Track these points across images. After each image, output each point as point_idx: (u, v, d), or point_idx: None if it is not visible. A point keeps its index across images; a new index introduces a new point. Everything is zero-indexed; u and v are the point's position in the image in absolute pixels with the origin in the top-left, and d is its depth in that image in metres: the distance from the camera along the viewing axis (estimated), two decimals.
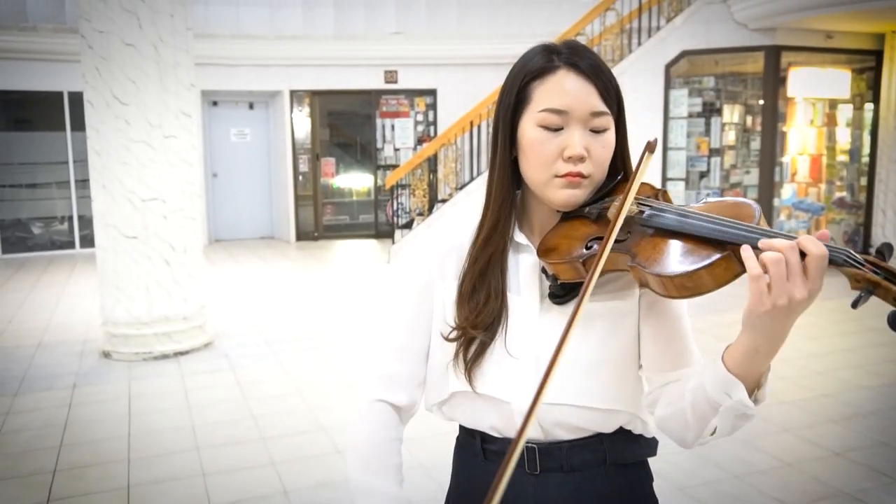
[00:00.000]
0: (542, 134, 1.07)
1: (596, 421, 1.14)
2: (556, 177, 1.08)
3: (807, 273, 0.86)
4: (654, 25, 8.57)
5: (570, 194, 1.08)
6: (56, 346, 5.70)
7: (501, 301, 1.14)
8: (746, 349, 0.94)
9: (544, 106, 1.07)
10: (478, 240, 1.17)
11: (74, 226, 10.77)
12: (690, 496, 3.17)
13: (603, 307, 1.11)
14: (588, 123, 1.07)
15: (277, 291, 7.87)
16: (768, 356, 0.94)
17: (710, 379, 0.99)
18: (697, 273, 0.93)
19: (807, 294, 0.87)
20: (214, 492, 3.31)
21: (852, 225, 8.89)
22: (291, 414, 4.24)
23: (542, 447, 1.15)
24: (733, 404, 0.96)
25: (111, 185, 5.22)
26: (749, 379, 0.96)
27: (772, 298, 0.87)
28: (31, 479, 3.45)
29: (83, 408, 4.38)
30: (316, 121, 11.76)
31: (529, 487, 1.16)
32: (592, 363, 1.11)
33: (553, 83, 1.07)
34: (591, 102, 1.06)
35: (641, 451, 1.20)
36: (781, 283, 0.86)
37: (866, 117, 8.84)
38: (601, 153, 1.08)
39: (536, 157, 1.09)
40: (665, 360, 1.10)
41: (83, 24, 5.18)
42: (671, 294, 0.97)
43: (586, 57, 1.08)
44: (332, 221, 12.19)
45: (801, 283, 0.86)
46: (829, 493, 3.21)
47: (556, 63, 1.08)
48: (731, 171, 8.48)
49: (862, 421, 4.02)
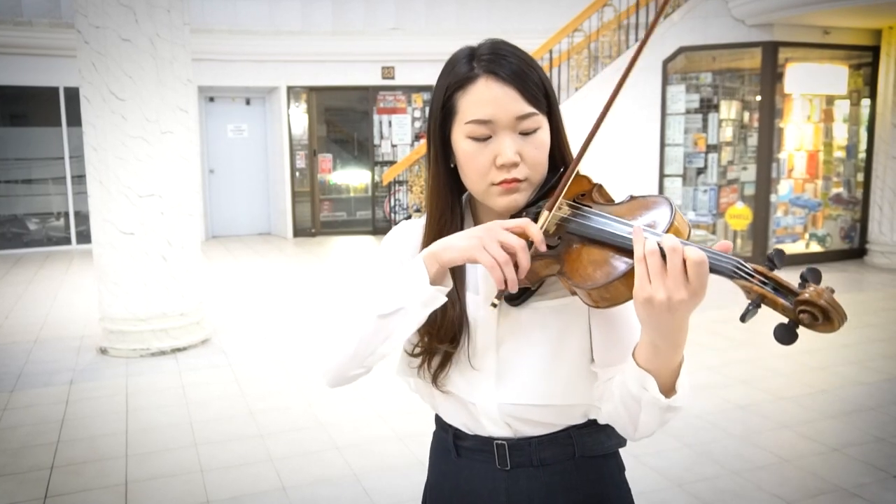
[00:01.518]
0: (472, 145, 1.07)
1: (558, 415, 1.16)
2: (492, 185, 1.08)
3: (687, 276, 0.87)
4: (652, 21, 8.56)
5: (510, 199, 1.09)
6: (53, 343, 5.68)
7: (460, 307, 1.15)
8: (647, 344, 0.98)
9: (469, 118, 1.06)
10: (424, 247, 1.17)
11: (71, 222, 10.74)
12: (689, 492, 3.17)
13: (556, 304, 1.12)
14: (516, 128, 1.06)
15: (275, 287, 7.86)
16: (670, 352, 0.96)
17: (629, 374, 1.01)
18: (612, 285, 0.95)
19: (686, 296, 0.88)
20: (212, 488, 3.30)
21: (849, 221, 8.90)
22: (289, 410, 4.23)
23: (512, 443, 1.17)
24: (650, 398, 0.99)
25: (108, 180, 5.20)
26: (661, 373, 0.99)
27: (651, 289, 0.89)
28: (29, 475, 3.45)
29: (80, 404, 4.37)
30: (313, 117, 11.74)
31: (501, 483, 1.19)
32: (549, 361, 1.13)
33: (474, 94, 1.06)
34: (515, 107, 1.05)
35: (611, 443, 1.22)
36: (659, 276, 0.88)
37: (863, 113, 8.85)
38: (534, 154, 1.08)
39: (471, 169, 1.09)
40: (611, 354, 1.11)
41: (79, 19, 5.16)
42: (596, 304, 0.99)
43: (506, 61, 1.06)
44: (329, 218, 12.18)
45: (681, 284, 0.88)
46: (826, 489, 3.21)
47: (475, 71, 1.06)
48: (728, 168, 8.48)
49: (860, 417, 4.03)
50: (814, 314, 0.83)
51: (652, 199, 1.02)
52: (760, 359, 5.01)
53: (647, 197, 1.03)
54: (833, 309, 0.82)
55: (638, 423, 1.05)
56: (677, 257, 0.88)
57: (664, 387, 0.99)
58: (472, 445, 1.20)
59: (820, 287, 0.84)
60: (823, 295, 0.82)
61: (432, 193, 1.17)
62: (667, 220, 0.96)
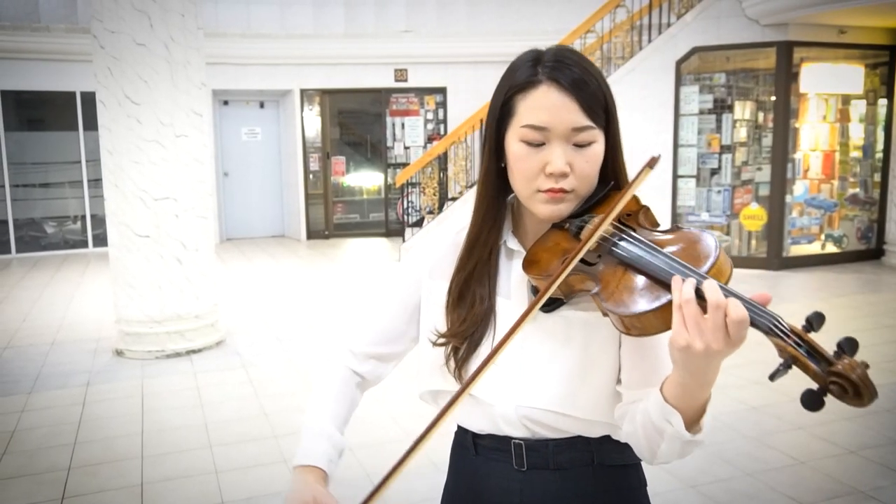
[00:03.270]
0: (524, 149, 1.07)
1: (575, 426, 1.15)
2: (538, 191, 1.08)
3: (728, 331, 0.87)
4: (665, 22, 8.53)
5: (554, 209, 1.09)
6: (69, 345, 5.74)
7: (488, 307, 1.16)
8: (678, 383, 0.96)
9: (525, 122, 1.06)
10: (464, 247, 1.19)
11: (87, 225, 10.84)
12: (703, 494, 3.16)
13: (585, 316, 1.12)
14: (570, 139, 1.06)
15: (288, 289, 7.89)
16: (699, 391, 0.96)
17: (653, 405, 1.00)
18: (646, 316, 0.94)
19: (724, 347, 0.88)
20: (227, 489, 3.32)
21: (865, 221, 8.82)
22: (303, 411, 4.21)
23: (529, 444, 1.16)
24: (673, 432, 0.98)
25: (123, 184, 5.25)
26: (688, 410, 0.98)
27: (689, 337, 0.88)
28: (46, 476, 3.48)
29: (97, 405, 4.41)
30: (326, 119, 11.78)
31: (516, 483, 1.18)
32: (570, 370, 1.12)
33: (534, 99, 1.06)
34: (572, 118, 1.05)
35: (631, 453, 1.19)
36: (698, 327, 0.88)
37: (880, 113, 8.77)
38: (585, 168, 1.07)
39: (519, 172, 1.09)
40: (637, 377, 1.10)
41: (95, 24, 5.21)
42: (624, 330, 0.98)
43: (570, 70, 1.05)
44: (342, 220, 12.22)
45: (721, 338, 0.87)
46: (842, 491, 3.19)
47: (538, 77, 1.06)
48: (742, 168, 8.42)
49: (876, 418, 3.99)
50: (844, 387, 0.81)
51: (697, 234, 1.01)
52: (775, 360, 4.96)
53: (693, 231, 1.02)
54: (864, 385, 0.80)
55: (657, 452, 1.04)
56: (720, 314, 0.87)
57: (688, 421, 0.99)
58: (489, 444, 1.20)
59: (854, 360, 0.81)
60: (857, 370, 0.80)
61: (481, 189, 1.18)
62: (710, 261, 0.94)
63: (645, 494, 1.25)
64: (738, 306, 0.86)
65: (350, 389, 1.32)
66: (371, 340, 1.31)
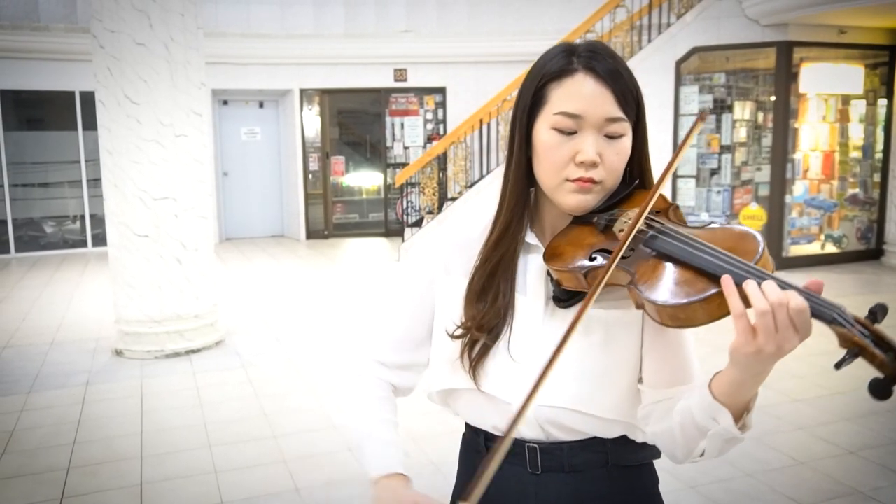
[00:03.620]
0: (556, 137, 1.06)
1: (594, 426, 1.14)
2: (567, 181, 1.07)
3: (796, 326, 0.86)
4: (665, 22, 8.53)
5: (581, 199, 1.07)
6: (69, 344, 5.74)
7: (509, 301, 1.14)
8: (732, 381, 0.95)
9: (559, 109, 1.06)
10: (490, 239, 1.16)
11: (86, 224, 10.83)
12: (703, 494, 3.16)
13: (605, 315, 1.11)
14: (602, 129, 1.05)
15: (288, 289, 7.89)
16: (754, 388, 0.95)
17: (697, 403, 0.99)
18: (692, 306, 0.92)
19: (797, 343, 0.87)
20: (226, 489, 3.32)
21: (865, 221, 8.82)
22: (303, 411, 4.25)
23: (544, 447, 1.15)
24: (720, 430, 0.97)
25: (123, 184, 5.24)
26: (736, 406, 0.97)
27: (758, 343, 0.87)
28: (46, 475, 3.48)
29: (96, 405, 4.41)
30: (326, 119, 11.78)
31: (531, 487, 1.17)
32: (590, 369, 1.11)
33: (569, 86, 1.06)
34: (607, 108, 1.05)
35: (645, 454, 1.20)
36: (769, 334, 0.86)
37: (880, 113, 8.76)
38: (614, 160, 1.07)
39: (548, 160, 1.08)
40: (662, 376, 1.09)
41: (95, 24, 5.21)
42: (663, 322, 0.96)
43: (606, 61, 1.06)
44: (342, 220, 12.21)
45: (792, 335, 0.86)
46: (842, 492, 3.19)
47: (574, 66, 1.06)
48: (742, 168, 8.42)
49: (876, 419, 3.99)
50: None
51: (736, 228, 1.00)
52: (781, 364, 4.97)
53: (734, 227, 1.01)
54: None
55: (693, 450, 1.02)
56: (783, 312, 0.85)
57: (734, 418, 0.98)
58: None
59: None
60: None
61: (510, 180, 1.15)
62: (757, 254, 0.93)
63: (658, 493, 1.25)
64: (796, 296, 0.85)
65: (388, 394, 1.31)
66: (394, 349, 1.28)
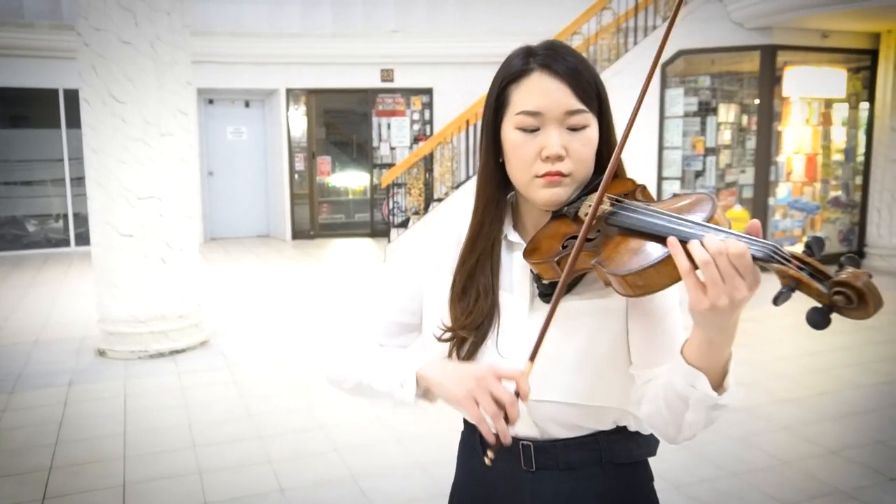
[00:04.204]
0: (521, 136, 1.09)
1: (587, 417, 1.15)
2: (536, 177, 1.09)
3: (741, 273, 0.87)
4: (651, 24, 8.58)
5: (553, 193, 1.10)
6: (52, 344, 5.68)
7: (492, 300, 1.16)
8: (700, 342, 0.96)
9: (520, 109, 1.09)
10: (466, 241, 1.19)
11: (70, 223, 10.74)
12: (687, 494, 3.18)
13: (590, 305, 1.13)
14: (564, 122, 1.08)
15: (274, 289, 7.86)
16: (724, 346, 0.96)
17: (677, 373, 1.01)
18: (646, 272, 0.94)
19: (747, 292, 0.88)
20: (210, 490, 3.30)
21: (847, 224, 8.92)
22: (288, 412, 4.23)
23: (538, 445, 1.16)
24: (700, 396, 0.98)
25: (108, 183, 5.20)
26: (712, 369, 0.98)
27: (710, 298, 0.88)
28: (28, 476, 3.45)
29: (79, 405, 4.37)
30: (312, 119, 11.75)
31: (526, 484, 1.18)
32: (580, 361, 1.13)
33: (527, 86, 1.09)
34: (566, 102, 1.07)
35: (640, 451, 1.21)
36: (717, 285, 0.87)
37: (862, 116, 8.86)
38: (581, 151, 1.09)
39: (517, 159, 1.10)
40: (650, 355, 1.11)
41: (80, 22, 5.17)
42: (628, 293, 0.98)
43: (562, 58, 1.09)
44: (328, 220, 12.19)
45: (739, 282, 0.87)
46: (825, 491, 3.22)
47: (531, 66, 1.09)
48: (726, 171, 8.48)
49: (859, 419, 4.03)
50: (849, 296, 0.81)
51: (694, 195, 1.02)
52: (761, 361, 5.01)
53: (689, 193, 1.03)
54: (869, 292, 0.80)
55: (682, 423, 1.04)
56: (725, 259, 0.86)
57: (713, 384, 0.99)
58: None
59: (858, 270, 0.82)
60: (861, 277, 0.81)
61: (480, 183, 1.19)
62: (706, 214, 0.95)
63: (652, 489, 1.26)
64: (734, 241, 0.87)
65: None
66: (380, 332, 1.29)
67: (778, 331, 5.77)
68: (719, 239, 0.87)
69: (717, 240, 0.87)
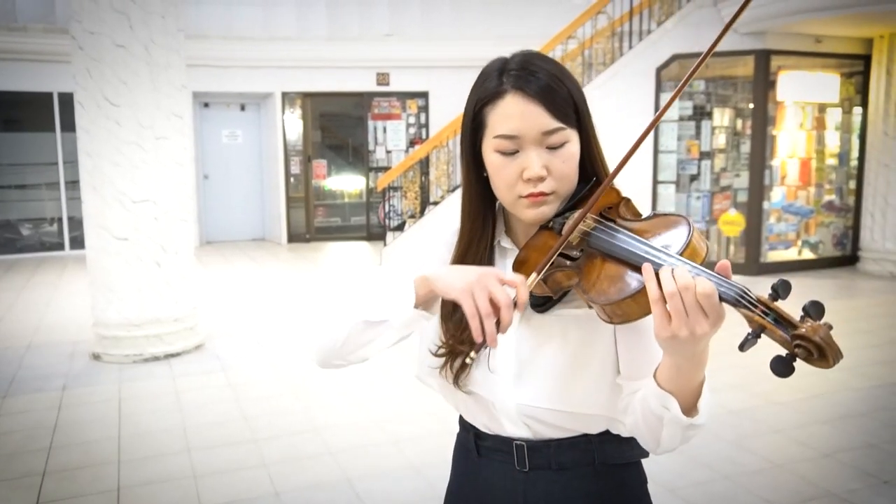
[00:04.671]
0: (500, 159, 1.09)
1: (576, 423, 1.16)
2: (520, 197, 1.10)
3: (704, 310, 0.88)
4: (645, 29, 8.61)
5: (538, 212, 1.10)
6: (46, 348, 5.67)
7: None
8: (670, 367, 0.98)
9: (496, 133, 1.08)
10: (455, 256, 1.20)
11: (64, 227, 10.71)
12: (681, 497, 3.18)
13: (580, 314, 1.13)
14: (543, 142, 1.07)
15: (269, 293, 7.85)
16: (692, 372, 0.97)
17: (650, 393, 1.02)
18: (624, 302, 0.96)
19: (708, 328, 0.89)
20: (205, 493, 3.30)
21: (841, 228, 8.95)
22: (283, 415, 4.23)
23: (531, 444, 1.17)
24: (672, 417, 1.00)
25: (102, 186, 5.20)
26: (682, 393, 0.99)
27: (672, 328, 0.90)
28: (21, 481, 3.44)
29: (73, 409, 4.36)
30: (308, 123, 11.75)
31: (519, 484, 1.19)
32: (568, 368, 1.13)
33: (501, 109, 1.08)
34: (542, 122, 1.06)
35: (632, 452, 1.21)
36: (680, 317, 0.89)
37: (855, 121, 8.90)
38: (562, 168, 1.09)
39: (499, 180, 1.11)
40: (636, 368, 1.11)
41: (74, 25, 5.16)
42: (607, 319, 1.00)
43: (534, 77, 1.07)
44: (323, 223, 12.18)
45: (702, 319, 0.89)
46: (818, 494, 3.23)
47: (503, 87, 1.08)
48: (721, 175, 8.51)
49: (851, 422, 4.05)
50: (809, 350, 0.84)
51: (673, 218, 1.03)
52: (753, 364, 5.02)
53: (669, 215, 1.04)
54: (828, 346, 0.83)
55: (660, 439, 1.05)
56: (691, 295, 0.88)
57: (686, 405, 1.00)
58: (492, 445, 1.21)
59: (818, 323, 0.84)
60: (819, 332, 0.83)
61: (464, 202, 1.19)
62: (682, 243, 0.96)
63: (646, 492, 1.26)
64: (704, 281, 0.88)
65: None
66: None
67: None
68: (690, 274, 0.89)
69: (688, 276, 0.89)
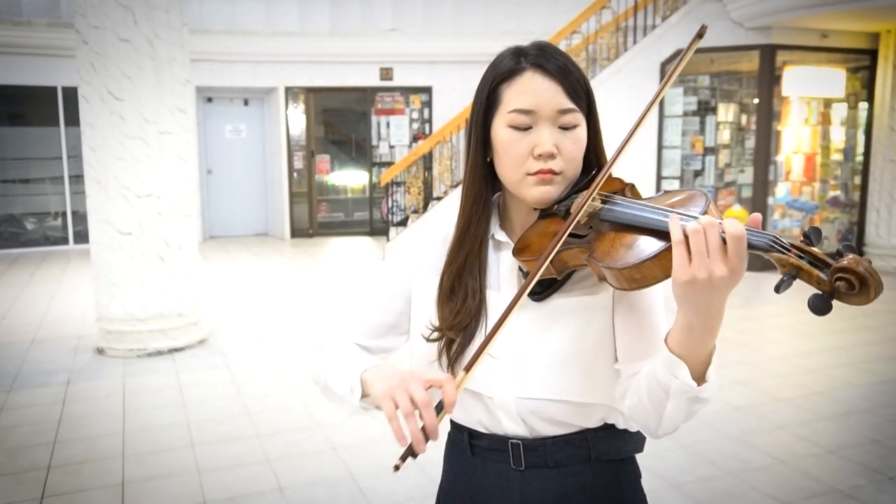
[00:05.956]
0: (513, 134, 1.10)
1: (574, 414, 1.16)
2: (528, 175, 1.11)
3: (727, 252, 0.88)
4: (650, 24, 8.58)
5: (544, 191, 1.11)
6: (50, 343, 5.68)
7: (480, 300, 1.17)
8: (682, 326, 0.97)
9: (512, 107, 1.10)
10: (453, 241, 1.20)
11: (68, 221, 10.73)
12: (685, 493, 3.18)
13: (577, 302, 1.14)
14: (556, 121, 1.09)
15: (272, 288, 7.86)
16: (705, 334, 0.96)
17: (659, 361, 1.01)
18: (644, 264, 0.95)
19: (727, 272, 0.89)
20: (209, 488, 3.30)
21: (846, 223, 8.92)
22: (286, 411, 4.24)
23: (527, 443, 1.17)
24: (680, 385, 0.99)
25: (106, 181, 5.20)
26: (693, 359, 0.98)
27: (692, 270, 0.89)
28: (26, 475, 3.45)
29: (77, 404, 4.37)
30: (311, 118, 11.74)
31: (515, 483, 1.19)
32: (567, 358, 1.14)
33: (520, 84, 1.10)
34: (558, 101, 1.09)
35: (627, 448, 1.22)
36: (701, 257, 0.89)
37: (861, 116, 8.87)
38: (571, 149, 1.11)
39: (508, 157, 1.11)
40: (635, 350, 1.12)
41: (78, 20, 5.16)
42: (624, 286, 0.99)
43: (553, 58, 1.10)
44: (326, 218, 12.18)
45: (721, 260, 0.88)
46: (822, 490, 3.22)
47: (522, 65, 1.10)
48: (725, 170, 8.49)
49: (855, 418, 4.04)
50: (851, 282, 0.82)
51: (686, 191, 1.04)
52: (757, 360, 5.02)
53: (682, 190, 1.05)
54: (871, 276, 0.81)
55: (663, 415, 1.04)
56: (715, 233, 0.88)
57: (695, 374, 0.99)
58: (487, 444, 1.21)
59: (858, 256, 0.83)
60: (862, 262, 0.82)
61: (467, 182, 1.20)
62: (700, 209, 0.96)
63: (640, 487, 1.27)
64: (733, 223, 0.88)
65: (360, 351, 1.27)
66: (363, 333, 1.28)
67: (774, 331, 5.78)
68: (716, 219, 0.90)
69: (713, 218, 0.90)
